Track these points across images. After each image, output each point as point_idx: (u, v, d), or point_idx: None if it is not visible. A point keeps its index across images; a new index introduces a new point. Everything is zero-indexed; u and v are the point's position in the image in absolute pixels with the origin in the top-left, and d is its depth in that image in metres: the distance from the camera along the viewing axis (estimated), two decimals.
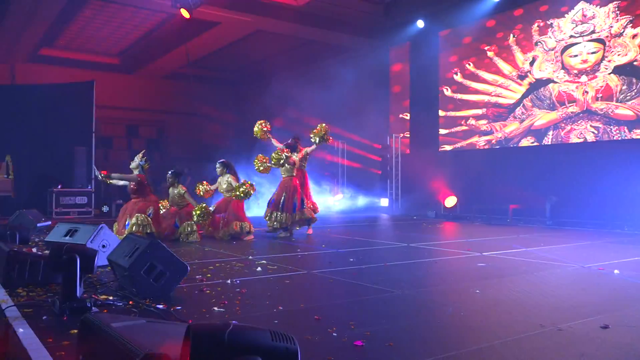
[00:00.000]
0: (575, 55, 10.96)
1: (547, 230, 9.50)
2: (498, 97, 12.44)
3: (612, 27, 10.35)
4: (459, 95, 13.31)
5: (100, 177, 7.62)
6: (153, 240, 4.05)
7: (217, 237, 8.08)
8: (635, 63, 10.03)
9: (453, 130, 13.46)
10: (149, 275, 3.85)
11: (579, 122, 10.87)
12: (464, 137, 13.19)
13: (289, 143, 8.65)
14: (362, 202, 15.58)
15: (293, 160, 8.44)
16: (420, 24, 13.72)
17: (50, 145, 13.50)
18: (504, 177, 11.79)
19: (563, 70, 11.16)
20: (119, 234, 6.99)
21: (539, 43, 11.60)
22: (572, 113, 10.99)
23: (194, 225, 7.83)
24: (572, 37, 11.01)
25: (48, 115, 13.41)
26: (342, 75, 13.82)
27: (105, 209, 13.01)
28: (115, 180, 7.84)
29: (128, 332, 1.89)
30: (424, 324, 3.37)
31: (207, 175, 10.64)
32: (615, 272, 5.07)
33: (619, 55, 10.25)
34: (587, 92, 10.72)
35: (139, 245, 3.99)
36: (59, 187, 12.65)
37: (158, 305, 3.61)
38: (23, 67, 16.55)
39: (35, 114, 13.32)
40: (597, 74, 10.58)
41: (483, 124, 12.76)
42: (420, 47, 14.20)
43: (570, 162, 10.80)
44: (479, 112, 12.85)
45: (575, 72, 10.95)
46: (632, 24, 10.09)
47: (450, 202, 12.84)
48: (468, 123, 13.09)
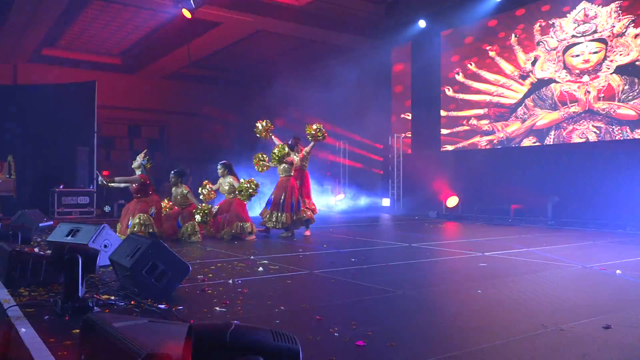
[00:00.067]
0: (577, 55, 10.95)
1: (548, 230, 9.49)
2: (500, 97, 12.42)
3: (614, 26, 10.34)
4: (461, 95, 13.30)
5: (104, 182, 7.55)
6: (155, 240, 4.05)
7: (218, 237, 8.09)
8: (637, 63, 10.02)
9: (455, 130, 13.45)
10: (151, 275, 3.85)
11: (581, 122, 10.85)
12: (466, 137, 13.19)
13: (289, 144, 8.68)
14: (363, 202, 15.60)
15: (291, 160, 8.48)
16: (422, 24, 13.71)
17: (52, 146, 13.52)
18: (506, 177, 11.78)
19: (565, 70, 11.15)
20: (122, 234, 6.97)
21: (541, 43, 11.59)
22: (574, 113, 10.98)
23: (197, 226, 7.84)
24: (574, 36, 10.99)
25: (50, 116, 13.43)
26: (343, 75, 13.82)
27: (107, 209, 13.03)
28: (117, 184, 7.82)
29: (130, 332, 1.89)
30: (426, 324, 3.37)
31: (208, 176, 10.64)
32: (618, 272, 5.07)
33: (621, 55, 10.23)
34: (589, 92, 10.71)
35: (141, 245, 3.99)
36: (61, 187, 12.66)
37: (160, 305, 3.61)
38: (25, 67, 16.58)
39: (37, 114, 13.33)
40: (599, 74, 10.56)
41: (485, 124, 12.75)
42: (422, 47, 14.20)
43: (572, 162, 10.79)
44: (481, 112, 12.84)
45: (577, 72, 10.94)
46: (634, 24, 10.08)
47: (452, 202, 12.82)
48: (470, 123, 13.08)
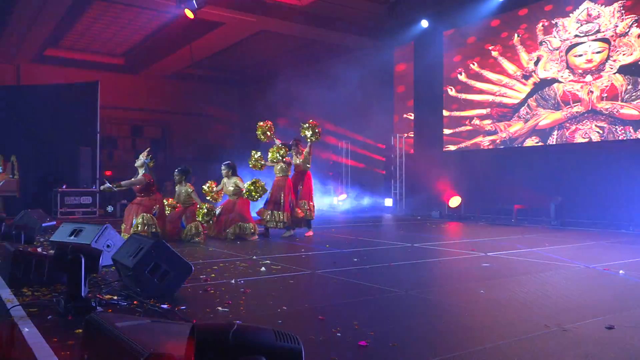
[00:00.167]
0: (580, 55, 10.92)
1: (551, 231, 9.47)
2: (502, 97, 12.40)
3: (617, 26, 10.31)
4: (463, 95, 13.28)
5: (112, 189, 7.50)
6: (157, 240, 4.05)
7: (221, 237, 8.09)
8: None
9: (457, 130, 13.44)
10: (154, 275, 3.86)
11: (584, 121, 10.83)
12: (469, 137, 13.17)
13: (289, 144, 8.69)
14: (366, 202, 15.59)
15: (288, 160, 8.51)
16: (425, 24, 13.70)
17: (55, 146, 13.54)
18: (509, 177, 11.76)
19: (568, 70, 11.12)
20: (127, 233, 6.97)
21: (544, 43, 11.57)
22: (577, 113, 10.95)
23: (200, 226, 7.84)
24: (576, 36, 10.97)
25: (53, 116, 13.46)
26: (346, 75, 13.82)
27: (110, 209, 13.04)
28: (124, 188, 7.80)
29: (132, 331, 1.90)
30: (428, 324, 3.37)
31: (210, 176, 10.65)
32: (621, 272, 5.06)
33: (624, 55, 10.21)
34: (592, 91, 10.68)
35: (144, 245, 4.00)
36: (64, 187, 12.69)
37: (162, 305, 3.62)
38: (28, 67, 16.63)
39: (40, 114, 13.36)
40: (602, 74, 10.54)
41: (487, 124, 12.73)
42: (425, 46, 14.19)
43: (575, 162, 10.76)
44: (484, 112, 12.82)
45: (580, 71, 10.91)
46: (637, 24, 10.05)
47: (455, 202, 12.80)
48: (472, 123, 13.06)
